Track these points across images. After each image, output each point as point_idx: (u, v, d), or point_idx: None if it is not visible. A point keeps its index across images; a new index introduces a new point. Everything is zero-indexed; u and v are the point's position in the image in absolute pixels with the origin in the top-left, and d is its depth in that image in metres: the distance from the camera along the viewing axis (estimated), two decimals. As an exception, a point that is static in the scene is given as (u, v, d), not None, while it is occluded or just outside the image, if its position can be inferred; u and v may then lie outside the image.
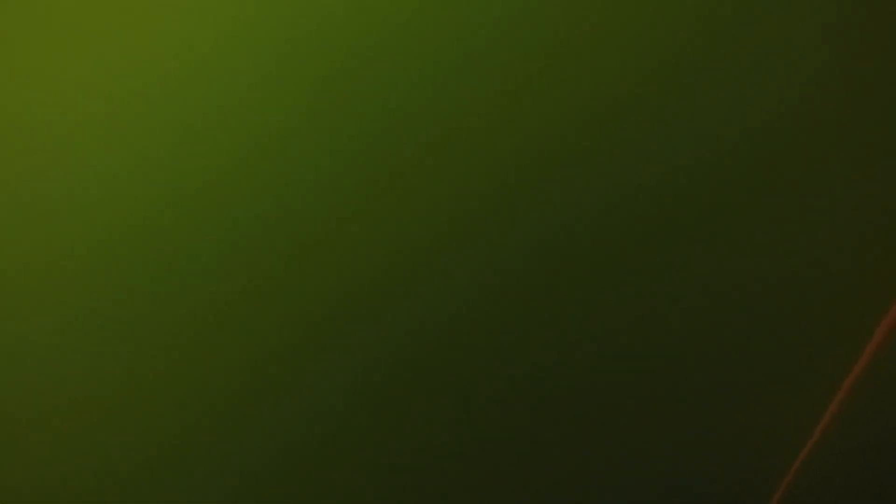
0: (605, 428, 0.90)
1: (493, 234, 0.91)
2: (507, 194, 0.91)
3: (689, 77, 0.91)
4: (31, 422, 0.90)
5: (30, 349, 0.90)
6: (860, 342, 0.86)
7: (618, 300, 0.91)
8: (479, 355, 0.91)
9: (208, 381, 0.90)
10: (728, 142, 0.91)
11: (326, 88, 0.91)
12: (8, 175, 0.90)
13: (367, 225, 0.91)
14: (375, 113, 0.91)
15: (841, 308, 0.90)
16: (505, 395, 0.91)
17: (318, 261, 0.91)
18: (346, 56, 0.91)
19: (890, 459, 0.87)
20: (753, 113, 0.91)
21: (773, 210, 0.90)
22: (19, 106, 0.90)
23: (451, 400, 0.91)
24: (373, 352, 0.91)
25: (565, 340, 0.91)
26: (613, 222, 0.91)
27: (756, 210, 0.90)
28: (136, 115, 0.91)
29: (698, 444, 0.90)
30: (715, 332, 0.91)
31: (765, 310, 0.90)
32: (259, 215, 0.91)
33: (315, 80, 0.91)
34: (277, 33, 0.91)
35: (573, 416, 0.90)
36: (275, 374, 0.91)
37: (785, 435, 0.89)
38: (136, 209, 0.91)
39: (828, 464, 0.88)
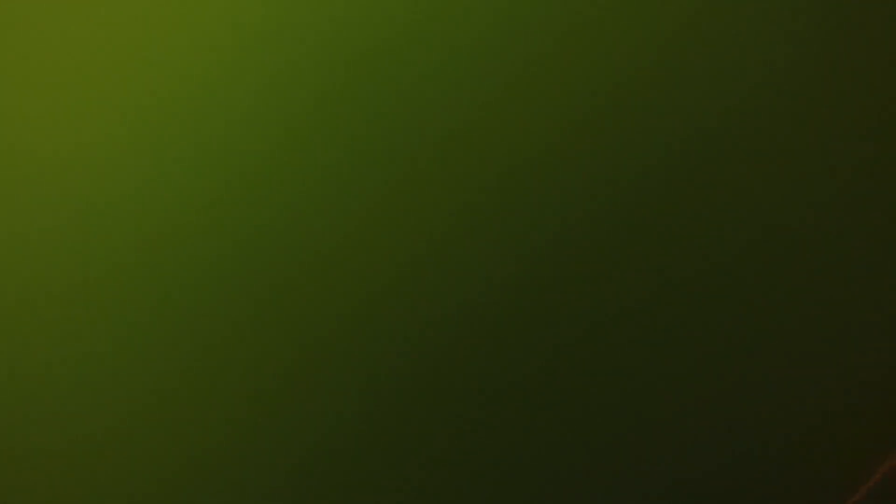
0: (619, 430, 0.91)
1: (502, 234, 0.91)
2: (509, 196, 0.91)
3: (685, 71, 0.91)
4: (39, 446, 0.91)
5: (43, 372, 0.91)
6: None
7: (631, 299, 0.91)
8: (492, 356, 0.91)
9: (226, 387, 0.91)
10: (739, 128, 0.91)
11: (337, 91, 0.91)
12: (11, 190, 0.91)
13: (379, 227, 0.91)
14: (383, 116, 0.91)
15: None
16: (519, 394, 0.91)
17: (332, 265, 0.91)
18: (353, 59, 0.91)
19: None
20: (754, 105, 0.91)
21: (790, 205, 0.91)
22: (27, 116, 0.91)
23: (467, 402, 0.91)
24: (386, 358, 0.91)
25: (581, 341, 0.91)
26: (624, 220, 0.91)
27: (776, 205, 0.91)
28: (147, 135, 0.91)
29: (711, 445, 0.91)
30: (730, 330, 0.91)
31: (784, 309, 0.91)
32: (270, 223, 0.91)
33: (324, 84, 0.91)
34: (286, 40, 0.91)
35: (593, 420, 0.90)
36: (286, 387, 0.91)
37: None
38: (147, 222, 0.91)
39: None
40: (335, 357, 0.91)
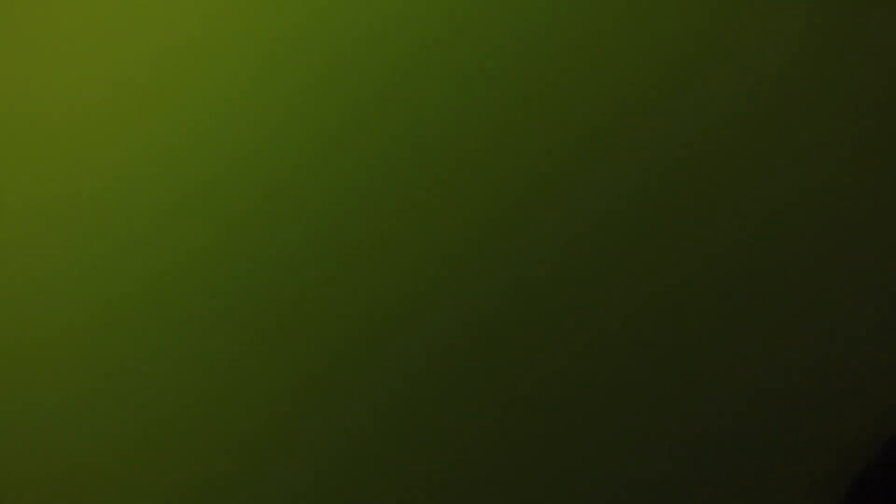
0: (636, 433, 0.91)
1: (523, 241, 0.92)
2: (528, 206, 0.92)
3: (697, 75, 0.92)
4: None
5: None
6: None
7: (648, 306, 0.91)
8: (516, 363, 0.91)
9: (252, 399, 0.91)
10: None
11: (358, 105, 0.92)
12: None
13: (399, 238, 0.92)
14: (402, 127, 0.92)
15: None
16: (542, 401, 0.91)
17: (357, 272, 0.92)
18: (374, 73, 0.92)
19: None
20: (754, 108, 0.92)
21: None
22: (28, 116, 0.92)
23: (490, 410, 0.91)
24: (406, 369, 0.91)
25: (602, 349, 0.91)
26: (641, 226, 0.91)
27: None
28: (159, 158, 0.92)
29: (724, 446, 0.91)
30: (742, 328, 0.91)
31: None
32: (288, 239, 0.92)
33: (346, 97, 0.92)
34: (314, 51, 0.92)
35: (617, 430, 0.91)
36: (305, 401, 0.91)
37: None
38: (168, 234, 0.92)
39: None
40: (356, 368, 0.91)
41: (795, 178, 0.92)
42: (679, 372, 0.92)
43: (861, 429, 0.90)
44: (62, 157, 0.91)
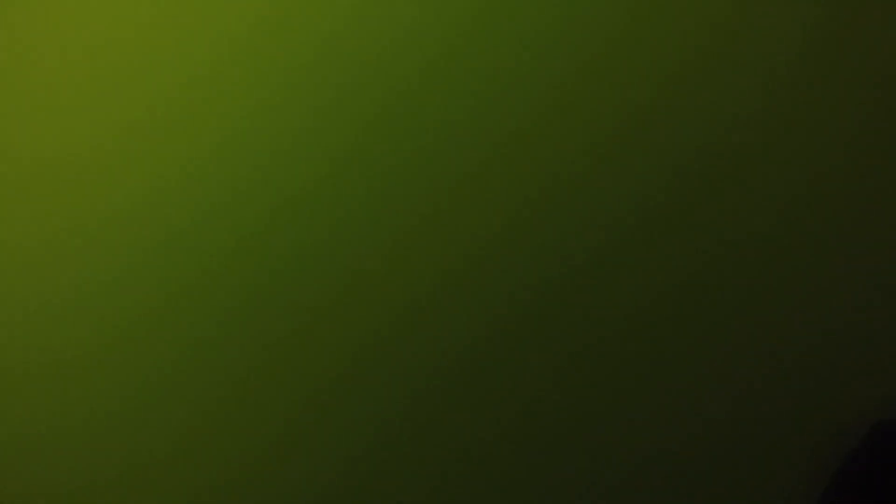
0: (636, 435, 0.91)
1: (533, 247, 0.91)
2: (538, 213, 0.92)
3: (700, 81, 0.92)
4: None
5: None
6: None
7: (655, 307, 0.91)
8: (526, 367, 0.91)
9: (267, 402, 0.91)
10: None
11: (372, 117, 0.92)
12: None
13: (409, 246, 0.91)
14: (415, 139, 0.92)
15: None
16: (550, 404, 0.91)
17: (367, 281, 0.91)
18: (396, 84, 0.92)
19: None
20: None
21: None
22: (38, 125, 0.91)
23: (501, 412, 0.91)
24: (418, 374, 0.91)
25: (612, 353, 0.91)
26: (650, 230, 0.91)
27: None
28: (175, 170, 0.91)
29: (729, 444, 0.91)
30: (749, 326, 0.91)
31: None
32: (303, 248, 0.91)
33: (362, 111, 0.92)
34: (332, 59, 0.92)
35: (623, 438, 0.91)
36: (318, 405, 0.91)
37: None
38: (179, 247, 0.91)
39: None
40: (371, 374, 0.91)
41: (799, 179, 0.92)
42: (691, 368, 0.91)
43: (844, 419, 0.90)
44: (83, 175, 0.91)
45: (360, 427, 0.91)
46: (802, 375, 0.91)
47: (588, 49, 0.92)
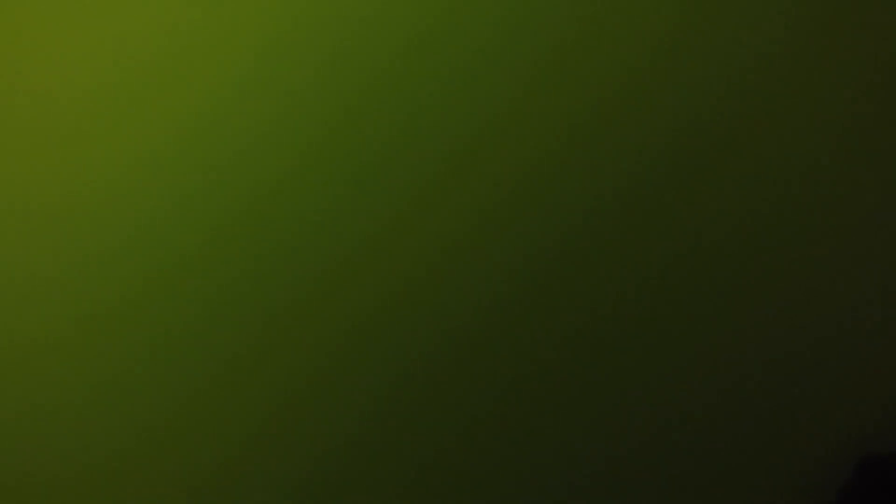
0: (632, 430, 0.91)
1: (516, 238, 0.91)
2: (519, 203, 0.92)
3: (681, 69, 0.91)
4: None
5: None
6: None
7: (642, 299, 0.91)
8: (509, 359, 0.91)
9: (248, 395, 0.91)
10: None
11: (348, 108, 0.92)
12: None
13: (389, 239, 0.92)
14: (397, 125, 0.92)
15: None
16: (532, 396, 0.91)
17: (347, 273, 0.92)
18: (370, 71, 0.92)
19: None
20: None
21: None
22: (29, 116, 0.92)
23: (483, 405, 0.91)
24: (400, 366, 0.91)
25: (597, 343, 0.91)
26: (635, 218, 0.91)
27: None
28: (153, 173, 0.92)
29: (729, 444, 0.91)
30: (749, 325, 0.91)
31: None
32: (282, 241, 0.92)
33: (337, 101, 0.92)
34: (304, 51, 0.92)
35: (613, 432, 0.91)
36: (302, 397, 0.91)
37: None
38: (166, 238, 0.92)
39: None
40: (351, 368, 0.91)
41: (782, 169, 0.91)
42: (678, 364, 0.91)
43: (831, 453, 0.90)
44: (57, 162, 0.91)
45: (341, 420, 0.91)
46: (791, 409, 0.91)
47: (568, 41, 0.92)
